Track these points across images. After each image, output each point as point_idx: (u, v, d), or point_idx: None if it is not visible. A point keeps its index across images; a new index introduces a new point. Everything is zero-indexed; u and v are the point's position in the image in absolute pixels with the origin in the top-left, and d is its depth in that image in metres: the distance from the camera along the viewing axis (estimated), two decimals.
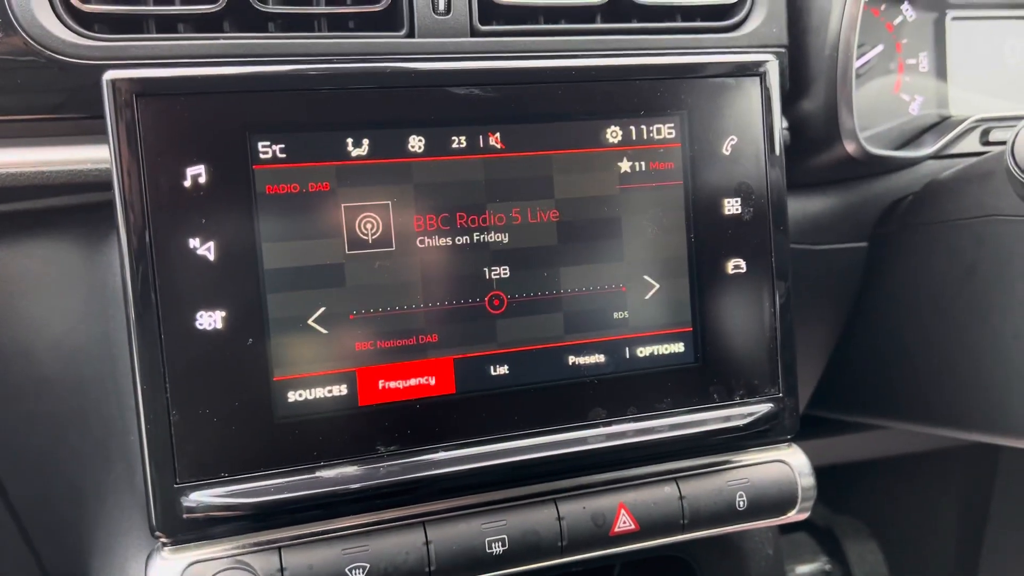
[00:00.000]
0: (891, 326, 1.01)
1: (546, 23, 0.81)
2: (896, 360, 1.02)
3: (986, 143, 1.02)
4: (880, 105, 1.04)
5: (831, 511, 1.80)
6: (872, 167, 0.96)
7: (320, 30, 0.75)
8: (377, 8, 0.75)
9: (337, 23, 0.76)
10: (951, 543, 1.61)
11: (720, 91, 0.73)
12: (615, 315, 0.71)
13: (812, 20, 0.87)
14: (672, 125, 0.72)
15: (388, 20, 0.76)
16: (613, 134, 0.71)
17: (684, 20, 0.85)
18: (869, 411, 1.11)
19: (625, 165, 0.71)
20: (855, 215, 1.01)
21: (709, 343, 0.74)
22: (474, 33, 0.77)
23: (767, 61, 0.74)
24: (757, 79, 0.74)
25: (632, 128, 0.71)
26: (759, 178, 0.74)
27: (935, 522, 1.63)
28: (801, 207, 0.99)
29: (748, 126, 0.74)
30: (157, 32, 0.72)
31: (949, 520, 1.62)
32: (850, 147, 0.90)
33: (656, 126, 0.72)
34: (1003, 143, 1.04)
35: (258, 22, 0.74)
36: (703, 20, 0.85)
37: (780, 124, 0.75)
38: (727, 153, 0.73)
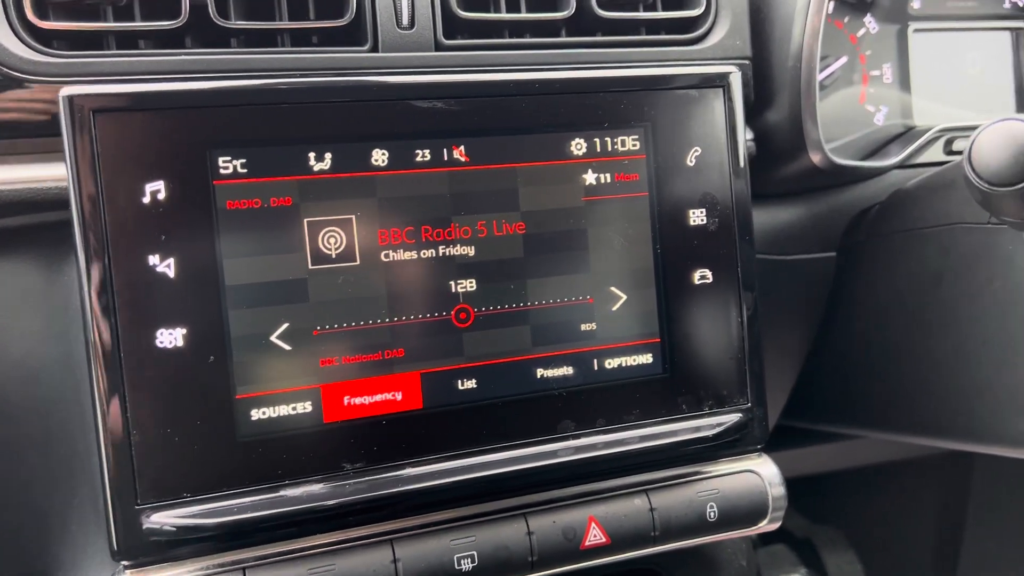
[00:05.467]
0: (861, 335, 1.02)
1: (511, 37, 0.81)
2: (866, 369, 1.02)
3: (950, 152, 1.03)
4: (846, 116, 1.05)
5: (809, 521, 1.80)
6: (838, 177, 0.97)
7: (283, 45, 0.75)
8: (340, 23, 0.75)
9: (300, 38, 0.75)
10: (928, 551, 1.62)
11: (684, 103, 0.73)
12: (583, 327, 0.71)
13: (775, 32, 0.88)
14: (636, 137, 0.72)
15: (352, 35, 0.76)
16: (578, 146, 0.71)
17: (648, 33, 0.85)
18: (841, 420, 1.11)
19: (590, 177, 0.71)
20: (823, 225, 1.02)
21: (677, 354, 0.74)
22: (438, 47, 0.77)
23: (730, 73, 0.74)
24: (720, 91, 0.74)
25: (597, 140, 0.71)
26: (724, 189, 0.74)
27: (913, 531, 1.64)
28: (769, 218, 1.00)
29: (712, 137, 0.74)
30: (118, 49, 0.71)
31: (926, 528, 1.63)
32: (815, 158, 0.91)
33: (621, 138, 0.72)
34: None
35: (220, 38, 0.73)
36: (667, 33, 0.86)
37: (744, 135, 0.75)
38: (692, 164, 0.74)
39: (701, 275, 0.74)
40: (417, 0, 0.77)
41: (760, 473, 0.75)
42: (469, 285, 0.68)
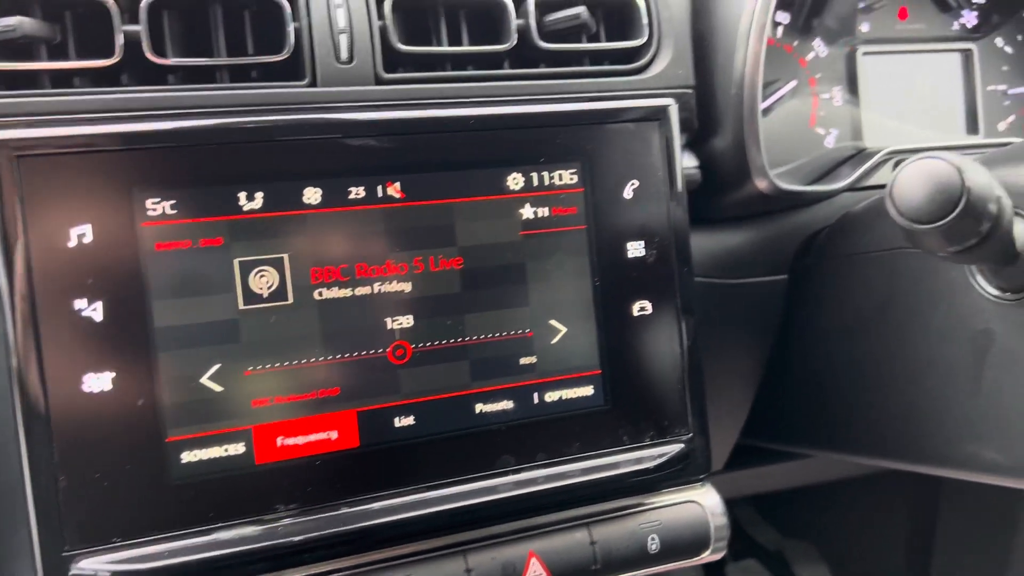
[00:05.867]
0: (812, 357, 1.02)
1: (453, 69, 0.81)
2: (820, 390, 1.03)
3: None
4: (796, 139, 1.06)
5: (781, 535, 1.81)
6: (786, 202, 0.97)
7: (222, 81, 0.75)
8: (279, 58, 0.75)
9: (239, 74, 0.75)
10: (900, 563, 1.63)
11: (621, 136, 0.74)
12: (522, 361, 0.71)
13: (718, 60, 0.88)
14: (574, 171, 0.73)
15: (291, 70, 0.76)
16: (515, 181, 0.71)
17: (592, 63, 0.86)
18: (798, 441, 1.11)
19: (527, 211, 0.71)
20: (774, 248, 1.02)
21: (618, 386, 0.74)
22: (378, 81, 0.77)
23: (667, 106, 0.75)
24: (657, 124, 0.74)
25: (534, 175, 0.72)
26: (662, 220, 0.75)
27: (884, 543, 1.64)
28: (720, 242, 1.00)
29: (650, 169, 0.75)
30: (53, 87, 0.71)
31: (898, 540, 1.64)
32: (761, 184, 0.91)
33: (558, 172, 0.72)
34: None
35: (157, 75, 0.73)
36: (611, 63, 0.86)
37: (681, 167, 0.76)
38: (630, 197, 0.74)
39: (640, 306, 0.74)
40: (356, 34, 0.77)
41: (702, 503, 0.75)
42: (406, 321, 0.68)
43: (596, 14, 0.87)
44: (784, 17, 1.05)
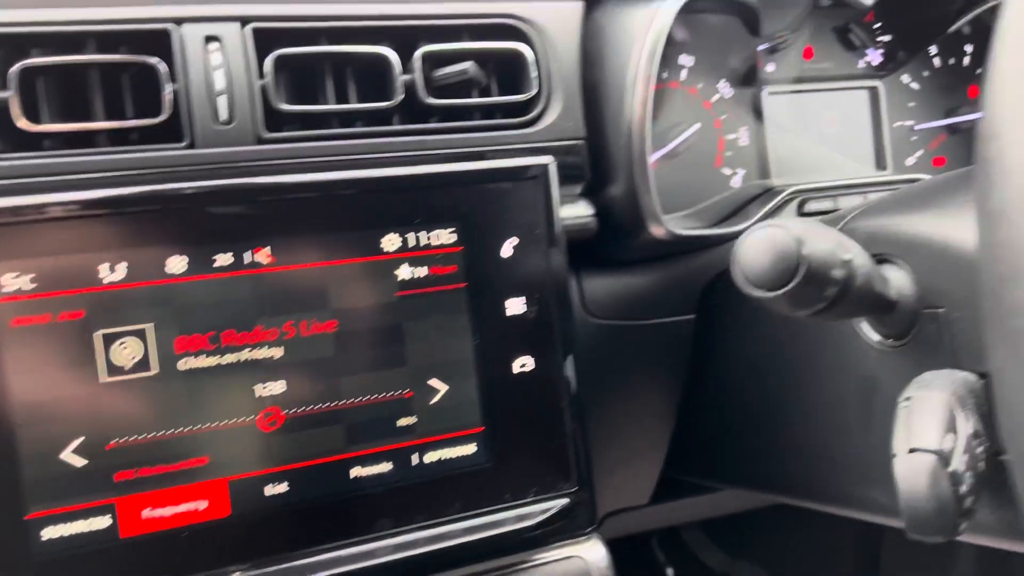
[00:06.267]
0: (721, 394, 1.03)
1: (342, 126, 0.82)
2: (729, 427, 1.04)
3: (802, 214, 1.05)
4: (702, 181, 1.07)
5: (730, 557, 1.82)
6: (688, 245, 0.98)
7: (101, 146, 0.75)
8: (156, 121, 0.74)
9: (118, 138, 0.75)
10: None
11: (500, 195, 0.74)
12: (400, 422, 0.71)
13: (609, 110, 0.89)
14: (453, 230, 0.73)
15: (171, 132, 0.76)
16: (390, 242, 0.71)
17: (484, 117, 0.86)
18: (714, 476, 1.12)
19: (404, 272, 0.72)
20: (682, 288, 1.03)
21: (501, 443, 0.74)
22: (260, 141, 0.77)
23: (545, 164, 0.76)
24: (536, 181, 0.75)
25: (411, 235, 0.72)
26: (542, 277, 0.75)
27: (832, 564, 1.66)
28: (627, 284, 1.01)
29: (529, 226, 0.75)
30: None
31: (845, 562, 1.65)
32: (656, 231, 0.92)
33: (436, 231, 0.73)
34: (819, 213, 1.08)
35: (31, 140, 0.73)
36: (504, 117, 0.87)
37: (560, 223, 0.76)
38: (509, 254, 0.74)
39: (522, 363, 0.75)
40: (237, 94, 0.77)
41: (586, 559, 0.76)
42: (277, 388, 0.68)
43: (488, 68, 0.87)
44: (688, 60, 1.06)
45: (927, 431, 0.60)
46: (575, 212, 0.90)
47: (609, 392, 1.05)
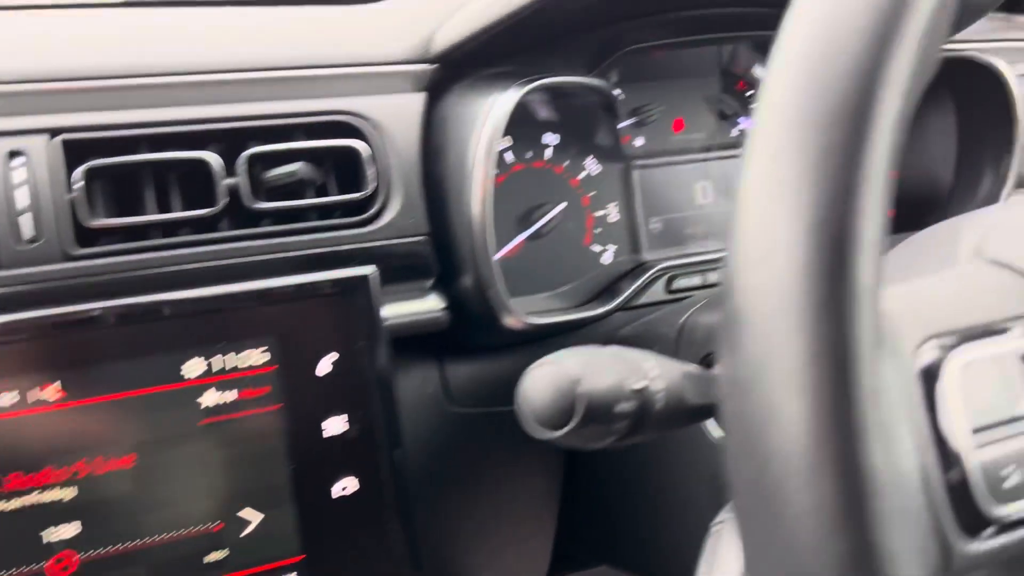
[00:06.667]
0: (594, 476, 1.02)
1: (166, 236, 0.78)
2: (603, 510, 1.02)
3: (671, 291, 1.04)
4: (571, 259, 1.05)
5: None
6: (547, 332, 0.96)
7: None
8: None
9: None
10: None
11: (317, 310, 0.72)
12: (209, 558, 0.68)
13: (451, 202, 0.87)
14: (265, 348, 0.70)
15: None
16: (193, 368, 0.68)
17: (322, 217, 0.84)
18: (597, 557, 1.11)
19: (209, 399, 0.69)
20: None
21: (323, 572, 0.71)
22: (69, 258, 0.74)
23: (366, 275, 0.73)
24: (354, 293, 0.73)
25: (218, 358, 0.69)
26: (364, 393, 0.73)
27: None
28: (491, 370, 0.98)
29: (350, 340, 0.72)
30: None
31: None
32: (509, 321, 0.90)
33: (247, 352, 0.70)
34: (688, 290, 1.07)
35: None
36: (343, 215, 0.84)
37: (384, 335, 0.74)
38: (329, 371, 0.72)
39: (343, 485, 0.72)
40: (44, 210, 0.74)
41: None
42: (69, 531, 0.64)
43: (325, 166, 0.85)
44: (553, 139, 1.05)
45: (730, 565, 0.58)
46: (425, 307, 0.88)
47: (485, 477, 1.03)
